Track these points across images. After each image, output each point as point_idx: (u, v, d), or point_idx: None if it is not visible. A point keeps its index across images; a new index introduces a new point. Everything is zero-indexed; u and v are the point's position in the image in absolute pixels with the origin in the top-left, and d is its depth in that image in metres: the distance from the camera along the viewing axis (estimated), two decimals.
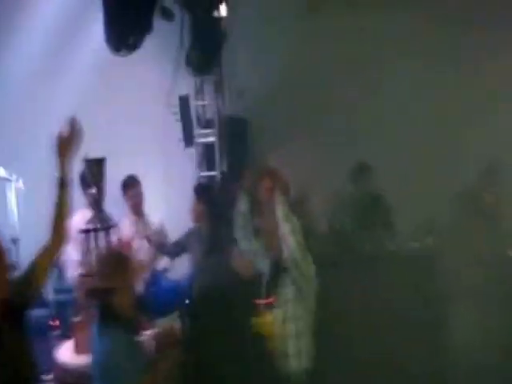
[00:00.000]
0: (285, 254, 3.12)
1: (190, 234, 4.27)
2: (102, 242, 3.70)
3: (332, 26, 5.84)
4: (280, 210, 3.10)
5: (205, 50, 5.56)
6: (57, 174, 2.66)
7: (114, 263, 2.92)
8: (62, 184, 2.66)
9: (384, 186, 5.01)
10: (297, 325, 3.11)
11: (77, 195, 4.14)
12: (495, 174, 4.69)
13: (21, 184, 5.04)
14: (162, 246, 4.32)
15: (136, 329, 2.99)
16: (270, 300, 3.14)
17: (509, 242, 4.30)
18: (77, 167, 3.92)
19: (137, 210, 4.57)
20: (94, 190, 3.86)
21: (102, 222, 3.75)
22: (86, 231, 3.73)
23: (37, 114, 5.63)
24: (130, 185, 4.55)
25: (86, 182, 4.09)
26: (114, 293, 2.82)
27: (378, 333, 4.07)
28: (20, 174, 5.14)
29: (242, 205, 3.35)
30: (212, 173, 5.72)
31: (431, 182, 5.22)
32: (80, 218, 3.97)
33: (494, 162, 4.75)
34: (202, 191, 4.36)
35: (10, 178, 4.95)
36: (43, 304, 4.38)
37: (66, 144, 2.71)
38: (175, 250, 4.30)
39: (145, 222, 4.57)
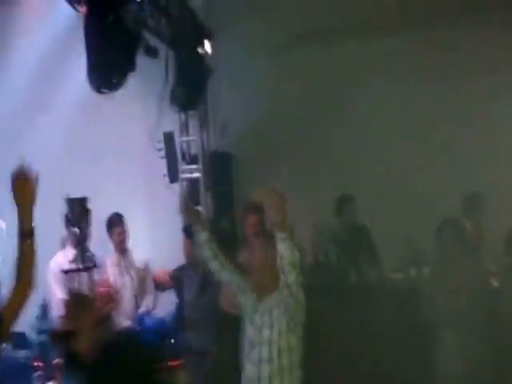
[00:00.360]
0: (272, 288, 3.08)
1: (180, 270, 4.26)
2: (84, 282, 3.66)
3: (317, 58, 5.94)
4: (283, 244, 2.95)
5: (190, 87, 5.62)
6: (18, 224, 2.47)
7: (74, 305, 2.85)
8: (24, 234, 2.49)
9: (368, 216, 5.03)
10: (291, 357, 3.07)
11: (60, 234, 4.18)
12: (475, 203, 4.74)
13: (2, 224, 5.00)
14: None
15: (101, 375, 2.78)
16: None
17: (491, 270, 4.31)
18: (60, 207, 3.96)
19: (121, 247, 4.57)
20: (76, 230, 3.85)
21: (84, 262, 3.74)
22: (68, 271, 3.71)
23: (21, 151, 5.63)
24: (115, 222, 4.55)
25: (69, 221, 4.09)
26: (74, 336, 2.72)
27: (363, 360, 4.04)
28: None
29: (201, 236, 3.14)
30: (198, 208, 5.70)
31: (414, 212, 5.26)
32: (63, 257, 3.95)
33: (474, 193, 4.81)
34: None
35: None
36: (26, 345, 4.32)
37: (21, 191, 2.50)
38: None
39: (129, 260, 4.55)
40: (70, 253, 4.12)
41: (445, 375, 3.91)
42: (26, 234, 2.47)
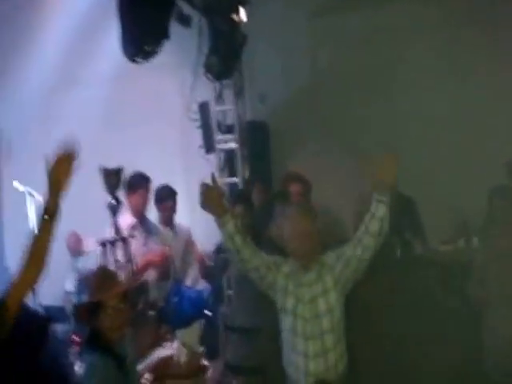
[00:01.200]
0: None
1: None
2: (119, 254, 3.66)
3: (358, 25, 5.72)
4: (383, 208, 2.85)
5: (224, 55, 5.49)
6: (44, 204, 2.40)
7: (100, 280, 2.79)
8: (48, 214, 2.40)
9: (413, 188, 4.87)
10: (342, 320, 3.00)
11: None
12: None
13: (39, 197, 5.03)
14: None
15: (123, 356, 2.76)
16: None
17: None
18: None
19: (169, 222, 4.47)
20: (113, 201, 3.82)
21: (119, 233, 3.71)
22: (103, 244, 3.69)
23: (56, 130, 5.66)
24: (166, 196, 4.43)
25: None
26: (99, 312, 2.68)
27: (408, 337, 3.93)
28: (36, 189, 5.16)
29: (228, 228, 2.94)
30: (234, 179, 5.63)
31: (460, 183, 5.06)
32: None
33: None
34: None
35: (29, 191, 4.95)
36: (64, 319, 4.36)
37: (60, 173, 2.41)
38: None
39: (175, 233, 4.47)
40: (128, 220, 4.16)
41: (493, 355, 3.78)
42: (50, 215, 2.40)
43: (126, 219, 4.21)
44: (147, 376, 3.00)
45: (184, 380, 3.16)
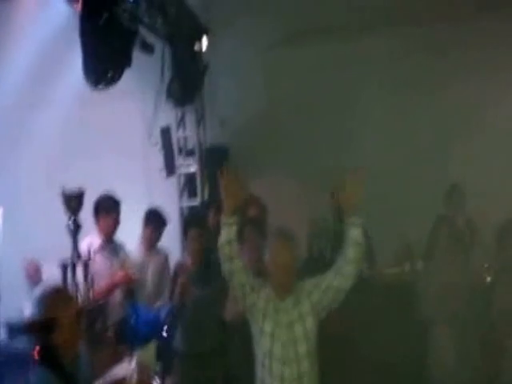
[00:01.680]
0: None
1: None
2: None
3: (313, 55, 5.98)
4: (357, 229, 2.89)
5: (186, 82, 5.68)
6: None
7: (55, 297, 2.79)
8: None
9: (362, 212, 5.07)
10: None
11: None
12: (462, 199, 4.78)
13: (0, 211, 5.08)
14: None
15: (74, 375, 2.75)
16: None
17: (483, 264, 4.36)
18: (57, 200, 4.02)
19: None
20: (72, 223, 3.86)
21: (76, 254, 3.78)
22: (64, 266, 3.75)
23: (19, 145, 5.73)
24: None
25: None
26: (52, 329, 2.68)
27: (358, 355, 4.08)
28: None
29: (229, 232, 2.92)
30: (194, 202, 5.78)
31: (407, 207, 5.31)
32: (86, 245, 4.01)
33: (457, 186, 4.83)
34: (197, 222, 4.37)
35: None
36: (24, 335, 4.37)
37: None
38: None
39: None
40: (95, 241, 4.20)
41: (438, 370, 3.97)
42: None
43: (93, 241, 4.24)
44: None
45: None
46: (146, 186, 5.56)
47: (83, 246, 4.02)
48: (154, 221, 4.57)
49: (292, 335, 2.94)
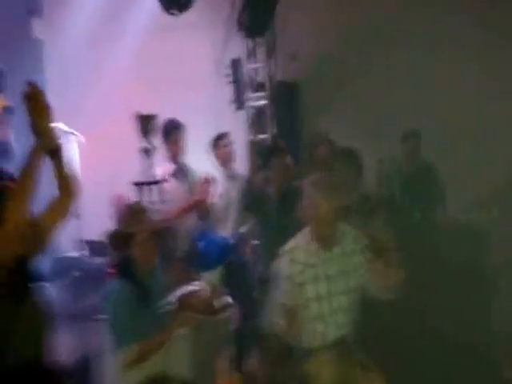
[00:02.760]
0: None
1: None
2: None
3: None
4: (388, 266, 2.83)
5: (257, 12, 5.54)
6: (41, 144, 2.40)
7: (132, 213, 2.97)
8: (52, 152, 2.45)
9: (439, 155, 4.91)
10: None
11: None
12: None
13: (82, 138, 5.28)
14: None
15: (150, 288, 2.96)
16: None
17: None
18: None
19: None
20: (146, 145, 3.97)
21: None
22: (139, 184, 3.86)
23: (94, 75, 5.84)
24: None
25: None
26: (132, 242, 2.85)
27: (424, 304, 4.00)
28: (79, 130, 5.39)
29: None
30: (263, 136, 5.73)
31: (483, 156, 5.08)
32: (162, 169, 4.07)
33: None
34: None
35: (72, 131, 5.19)
36: (103, 252, 4.59)
37: (39, 111, 2.38)
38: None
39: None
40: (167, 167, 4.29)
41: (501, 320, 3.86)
42: (53, 152, 2.47)
43: (165, 166, 4.35)
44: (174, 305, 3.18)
45: (206, 315, 3.32)
46: (214, 118, 5.54)
47: (157, 171, 4.13)
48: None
49: (344, 285, 2.92)
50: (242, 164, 4.85)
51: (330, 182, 2.93)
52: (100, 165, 5.46)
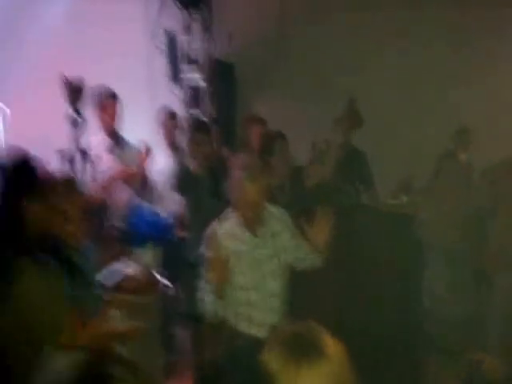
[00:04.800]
0: None
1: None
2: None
3: None
4: (316, 260, 3.05)
5: None
6: None
7: (62, 185, 2.82)
8: None
9: (366, 141, 5.05)
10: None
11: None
12: (466, 135, 4.80)
13: (6, 110, 4.92)
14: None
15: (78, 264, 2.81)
16: None
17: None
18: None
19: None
20: (73, 114, 3.77)
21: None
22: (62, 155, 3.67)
23: (20, 45, 5.46)
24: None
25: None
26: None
27: (351, 281, 4.14)
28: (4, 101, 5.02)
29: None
30: (198, 111, 5.63)
31: (408, 141, 5.30)
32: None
33: (464, 125, 4.83)
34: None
35: None
36: None
37: None
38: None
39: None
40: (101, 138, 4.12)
41: (430, 298, 4.04)
42: None
43: (99, 138, 4.18)
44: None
45: (139, 295, 3.25)
46: (150, 92, 5.37)
47: (90, 143, 3.94)
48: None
49: (275, 266, 2.96)
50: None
51: (257, 163, 2.91)
52: (29, 137, 5.09)
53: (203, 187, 4.01)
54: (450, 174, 4.30)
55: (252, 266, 2.91)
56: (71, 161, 3.74)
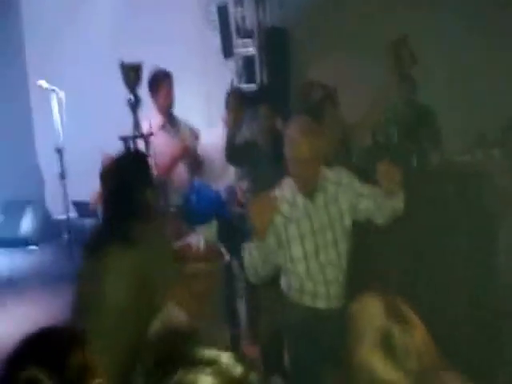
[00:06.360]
0: None
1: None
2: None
3: None
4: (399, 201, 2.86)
5: None
6: None
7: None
8: None
9: (432, 98, 4.80)
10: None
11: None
12: None
13: (63, 95, 5.06)
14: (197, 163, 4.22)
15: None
16: None
17: None
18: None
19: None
20: (132, 97, 3.81)
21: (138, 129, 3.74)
22: (124, 140, 3.72)
23: (78, 32, 5.61)
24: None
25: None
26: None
27: (420, 247, 3.97)
28: (61, 87, 5.18)
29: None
30: (252, 85, 5.57)
31: (481, 96, 4.97)
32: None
33: None
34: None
35: (53, 88, 4.97)
36: (92, 213, 4.48)
37: None
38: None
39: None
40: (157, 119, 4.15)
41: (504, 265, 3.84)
42: None
43: (154, 119, 4.18)
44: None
45: (202, 263, 3.28)
46: (202, 69, 5.37)
47: (145, 124, 3.98)
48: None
49: (330, 236, 2.84)
50: None
51: (310, 123, 2.86)
52: (85, 121, 5.28)
53: (261, 156, 3.97)
54: None
55: (309, 234, 2.83)
56: (134, 145, 3.80)
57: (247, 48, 5.58)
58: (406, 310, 1.52)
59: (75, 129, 4.76)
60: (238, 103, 4.24)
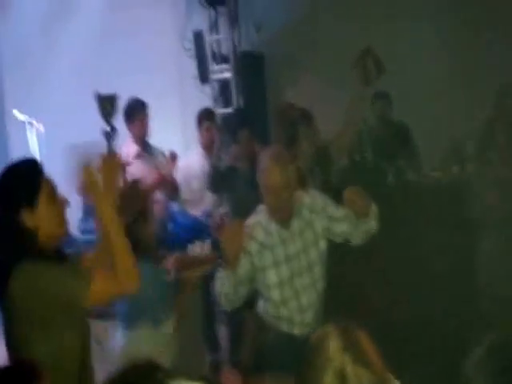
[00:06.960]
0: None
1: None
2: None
3: None
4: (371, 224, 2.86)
5: None
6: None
7: (132, 193, 2.89)
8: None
9: (407, 114, 4.86)
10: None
11: None
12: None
13: (41, 128, 5.06)
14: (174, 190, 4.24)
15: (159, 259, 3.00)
16: None
17: None
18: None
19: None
20: (107, 128, 3.81)
21: None
22: None
23: (51, 59, 5.63)
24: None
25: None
26: (139, 222, 2.77)
27: (401, 263, 4.00)
28: (37, 116, 5.18)
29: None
30: (228, 109, 5.62)
31: (455, 106, 5.04)
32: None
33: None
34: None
35: (31, 120, 4.96)
36: (72, 244, 4.46)
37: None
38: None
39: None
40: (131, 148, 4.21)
41: (483, 273, 3.88)
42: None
43: (130, 148, 4.23)
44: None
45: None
46: (178, 95, 5.41)
47: (121, 153, 4.00)
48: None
49: (305, 262, 2.83)
50: None
51: (281, 151, 2.85)
52: (62, 151, 5.26)
53: (240, 181, 3.99)
54: (503, 136, 4.05)
55: (284, 261, 2.82)
56: None
57: (223, 73, 5.63)
58: (365, 343, 1.53)
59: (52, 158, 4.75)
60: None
